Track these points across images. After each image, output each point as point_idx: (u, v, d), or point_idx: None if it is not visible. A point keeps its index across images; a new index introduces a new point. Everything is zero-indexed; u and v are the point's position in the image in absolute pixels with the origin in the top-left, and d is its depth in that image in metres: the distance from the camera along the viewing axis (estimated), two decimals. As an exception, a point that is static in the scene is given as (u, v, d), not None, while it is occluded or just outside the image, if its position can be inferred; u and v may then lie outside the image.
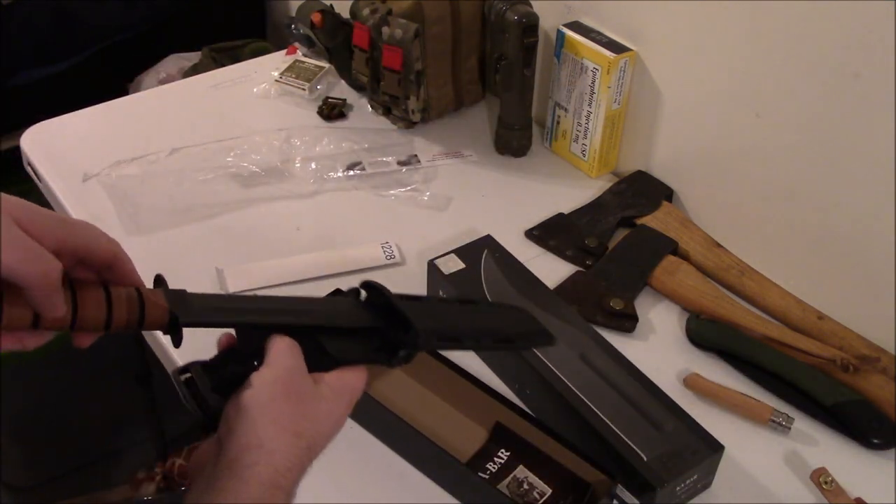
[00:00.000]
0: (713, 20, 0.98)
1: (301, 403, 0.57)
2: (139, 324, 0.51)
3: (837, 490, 0.79)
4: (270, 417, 0.55)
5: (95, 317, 0.49)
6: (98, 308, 0.50)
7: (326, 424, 0.59)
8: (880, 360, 0.90)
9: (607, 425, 0.79)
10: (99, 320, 0.49)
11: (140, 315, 0.51)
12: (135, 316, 0.51)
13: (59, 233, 0.50)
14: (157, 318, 0.52)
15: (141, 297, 0.52)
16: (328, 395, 0.59)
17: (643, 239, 1.07)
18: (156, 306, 0.52)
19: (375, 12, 1.18)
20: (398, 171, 1.19)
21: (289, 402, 0.56)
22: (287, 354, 0.57)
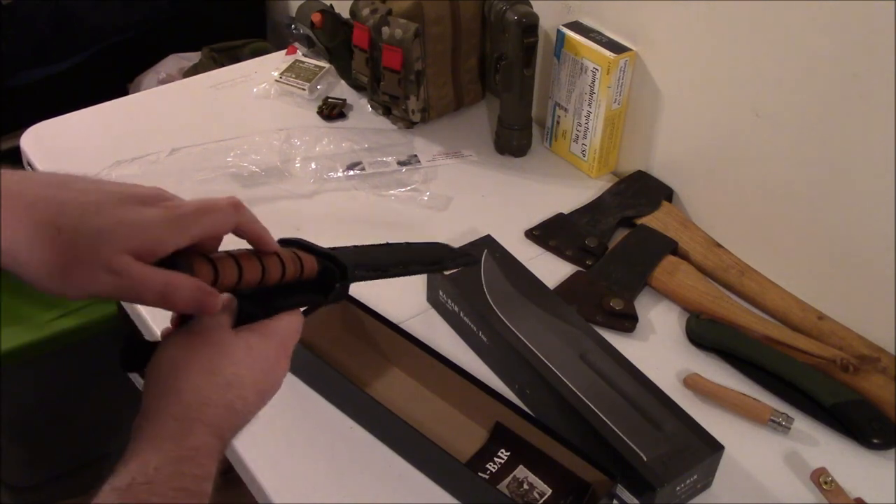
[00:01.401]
0: (713, 20, 0.98)
1: (213, 346, 0.56)
2: (301, 271, 0.61)
3: (837, 490, 0.79)
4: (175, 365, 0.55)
5: (276, 270, 0.59)
6: (277, 266, 0.59)
7: (249, 364, 0.57)
8: (880, 360, 0.91)
9: (607, 425, 0.79)
10: (278, 272, 0.59)
11: (300, 267, 0.61)
12: (297, 267, 0.61)
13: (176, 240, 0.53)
14: (310, 268, 0.62)
15: (298, 256, 0.62)
16: (251, 339, 0.58)
17: (643, 239, 1.07)
18: (310, 260, 0.62)
19: (375, 12, 1.18)
20: (398, 171, 1.19)
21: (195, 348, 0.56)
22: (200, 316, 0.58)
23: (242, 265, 0.57)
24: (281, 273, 0.60)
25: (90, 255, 0.50)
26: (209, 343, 0.56)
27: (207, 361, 0.56)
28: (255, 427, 0.84)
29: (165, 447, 0.51)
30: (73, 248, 0.50)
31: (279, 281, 0.60)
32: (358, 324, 0.92)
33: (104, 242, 0.50)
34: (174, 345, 0.57)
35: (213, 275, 0.55)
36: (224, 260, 0.56)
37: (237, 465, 0.83)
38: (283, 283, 0.61)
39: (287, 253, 0.61)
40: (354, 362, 0.90)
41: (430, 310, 0.98)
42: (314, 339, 0.89)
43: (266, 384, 0.60)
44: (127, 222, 0.51)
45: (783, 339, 0.93)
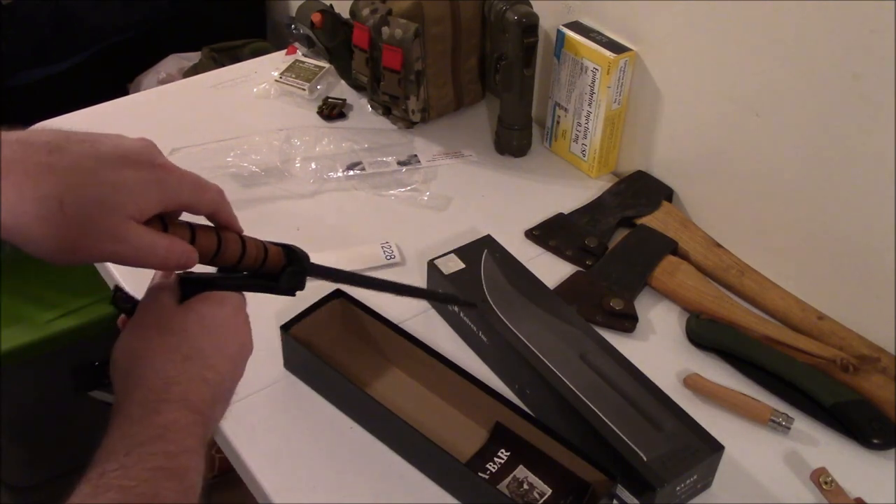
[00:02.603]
0: (713, 20, 0.98)
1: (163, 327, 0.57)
2: (264, 261, 0.62)
3: (837, 490, 0.79)
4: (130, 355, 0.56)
5: (234, 251, 0.60)
6: (236, 245, 0.60)
7: (206, 333, 0.58)
8: (880, 360, 0.91)
9: (607, 425, 0.79)
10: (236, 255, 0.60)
11: (265, 253, 0.62)
12: (262, 253, 0.62)
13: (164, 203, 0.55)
14: (276, 258, 0.63)
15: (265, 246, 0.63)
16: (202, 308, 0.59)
17: (643, 239, 1.07)
18: (275, 249, 0.63)
19: (375, 12, 1.18)
20: (398, 171, 1.19)
21: (147, 334, 0.57)
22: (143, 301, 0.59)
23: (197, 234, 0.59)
24: (240, 252, 0.61)
25: (94, 226, 0.51)
26: (159, 325, 0.57)
27: (162, 343, 0.56)
28: (255, 427, 0.84)
29: (133, 432, 0.51)
30: (78, 222, 0.50)
31: (238, 262, 0.61)
32: (358, 324, 0.92)
33: (106, 212, 0.51)
34: (127, 338, 0.57)
35: (191, 237, 0.58)
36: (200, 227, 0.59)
37: (237, 465, 0.83)
38: (244, 267, 0.62)
39: (252, 239, 0.62)
40: (354, 362, 0.90)
41: (430, 310, 0.98)
42: (314, 339, 0.89)
43: (232, 348, 0.60)
44: (126, 188, 0.52)
45: (783, 339, 0.93)
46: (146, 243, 0.53)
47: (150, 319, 0.58)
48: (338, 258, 1.02)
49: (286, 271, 0.64)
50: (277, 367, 0.90)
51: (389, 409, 0.80)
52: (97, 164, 0.51)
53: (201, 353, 0.57)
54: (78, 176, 0.51)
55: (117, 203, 0.51)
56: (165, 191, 0.54)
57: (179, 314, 0.58)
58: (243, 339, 0.62)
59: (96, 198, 0.51)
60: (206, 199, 0.58)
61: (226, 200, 0.60)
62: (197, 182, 0.57)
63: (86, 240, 0.51)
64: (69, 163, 0.51)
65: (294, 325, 0.87)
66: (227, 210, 0.61)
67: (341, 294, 0.91)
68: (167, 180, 0.54)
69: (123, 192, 0.52)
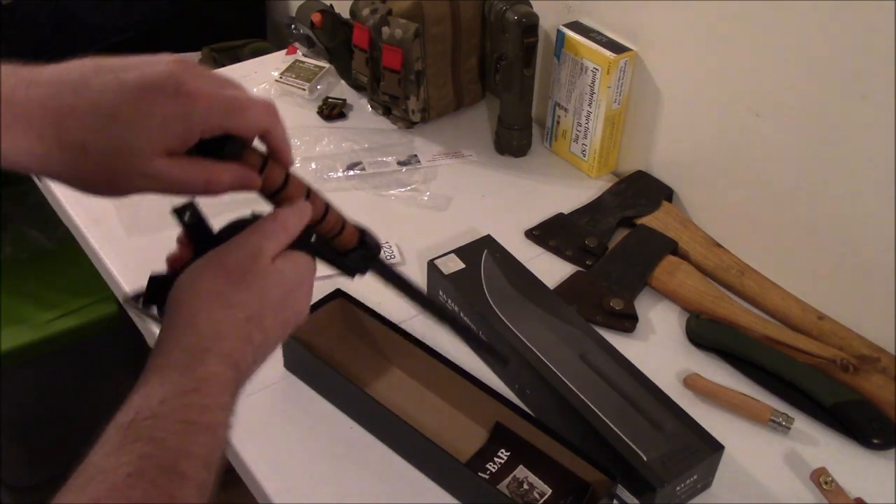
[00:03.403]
0: (713, 20, 0.98)
1: (238, 279, 0.54)
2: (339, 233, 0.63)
3: (837, 490, 0.79)
4: (195, 295, 0.53)
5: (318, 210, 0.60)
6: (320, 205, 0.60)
7: (272, 295, 0.56)
8: (880, 360, 0.91)
9: (607, 425, 0.79)
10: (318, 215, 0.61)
11: (341, 228, 0.63)
12: (339, 226, 0.63)
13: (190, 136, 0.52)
14: (350, 237, 0.64)
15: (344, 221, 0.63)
16: (286, 267, 0.57)
17: (643, 239, 1.07)
18: (351, 229, 0.64)
19: (375, 12, 1.18)
20: (398, 171, 1.19)
21: (219, 279, 0.54)
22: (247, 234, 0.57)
23: (290, 178, 0.58)
24: (322, 214, 0.60)
25: (123, 168, 0.50)
26: (240, 276, 0.54)
27: (232, 293, 0.54)
28: (255, 427, 0.84)
29: (172, 378, 0.50)
30: (103, 166, 0.50)
31: (318, 223, 0.60)
32: (358, 324, 0.92)
33: (130, 155, 0.50)
34: (199, 272, 0.55)
35: (262, 164, 0.56)
36: (274, 162, 0.57)
37: (237, 465, 0.83)
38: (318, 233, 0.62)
39: (336, 209, 0.62)
40: (354, 362, 0.90)
41: (430, 310, 0.98)
42: (314, 339, 0.89)
43: (290, 314, 0.58)
44: (147, 127, 0.50)
45: (783, 339, 0.93)
46: (179, 178, 0.52)
47: (235, 265, 0.55)
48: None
49: (357, 252, 0.64)
50: (277, 367, 0.90)
51: (389, 409, 0.80)
52: (118, 101, 0.50)
53: (262, 317, 0.55)
54: (98, 118, 0.50)
55: (139, 144, 0.50)
56: (191, 122, 0.51)
57: (264, 271, 0.55)
58: (302, 307, 0.60)
59: (118, 141, 0.50)
60: (248, 121, 0.54)
61: (275, 121, 0.56)
62: (232, 104, 0.53)
63: (117, 179, 0.51)
64: (90, 102, 0.50)
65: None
66: (277, 132, 0.57)
67: (341, 294, 0.91)
68: (193, 110, 0.51)
69: (144, 132, 0.50)
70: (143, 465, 0.45)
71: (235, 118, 0.53)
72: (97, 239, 1.06)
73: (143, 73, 0.51)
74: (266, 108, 0.56)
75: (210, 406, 0.50)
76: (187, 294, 0.54)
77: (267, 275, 0.56)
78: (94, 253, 1.07)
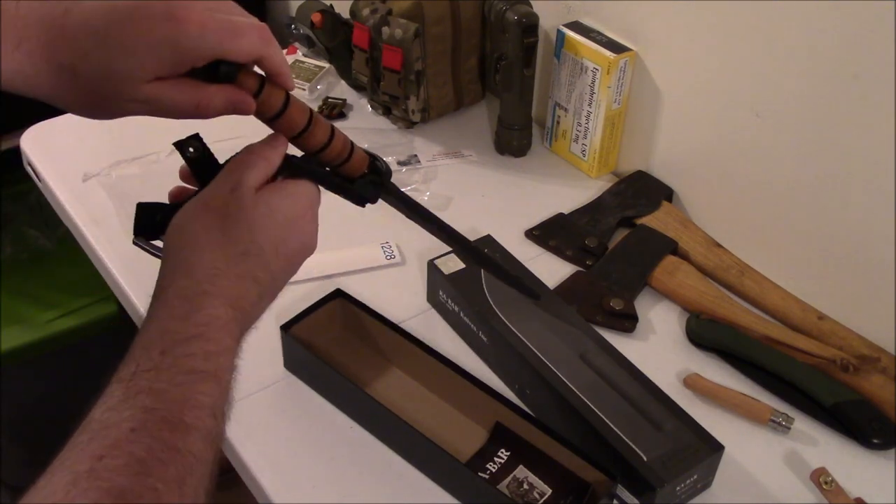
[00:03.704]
0: (713, 20, 0.98)
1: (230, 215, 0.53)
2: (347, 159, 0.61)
3: (837, 490, 0.79)
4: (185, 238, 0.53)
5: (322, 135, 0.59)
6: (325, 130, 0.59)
7: (271, 229, 0.55)
8: (880, 360, 0.91)
9: (607, 425, 0.79)
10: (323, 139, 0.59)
11: (350, 153, 0.61)
12: (347, 150, 0.61)
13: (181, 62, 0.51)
14: (359, 164, 0.63)
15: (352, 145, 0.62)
16: (273, 199, 0.56)
17: (643, 239, 1.07)
18: (361, 154, 0.62)
19: (375, 12, 1.18)
20: (398, 171, 1.19)
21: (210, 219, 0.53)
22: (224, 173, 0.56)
23: (291, 101, 0.56)
24: (328, 139, 0.59)
25: (112, 91, 0.50)
26: (226, 213, 0.54)
27: (221, 232, 0.53)
28: (255, 427, 0.84)
29: (172, 328, 0.49)
30: (94, 88, 0.50)
31: (323, 148, 0.59)
32: (358, 324, 0.92)
33: (119, 80, 0.50)
34: (189, 215, 0.54)
35: (258, 87, 0.55)
36: (272, 85, 0.56)
37: (237, 465, 0.83)
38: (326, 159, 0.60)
39: (342, 134, 0.60)
40: (354, 362, 0.90)
41: (430, 310, 0.98)
42: (314, 339, 0.89)
43: (293, 246, 0.57)
44: (135, 52, 0.49)
45: (783, 339, 0.93)
46: (169, 101, 0.51)
47: (219, 202, 0.54)
48: (338, 258, 1.02)
49: (365, 177, 0.63)
50: (277, 367, 0.90)
51: (389, 409, 0.80)
52: (107, 23, 0.49)
53: (260, 251, 0.54)
54: (87, 40, 0.49)
55: (128, 68, 0.49)
56: (181, 48, 0.50)
57: (251, 205, 0.54)
58: (307, 238, 0.58)
59: (107, 65, 0.49)
60: (241, 47, 0.52)
61: (271, 44, 0.54)
62: (225, 28, 0.52)
63: (107, 103, 0.51)
64: (79, 24, 0.49)
65: (294, 325, 0.87)
66: (273, 56, 0.55)
67: (341, 294, 0.91)
68: (184, 35, 0.50)
69: (134, 57, 0.49)
70: (145, 418, 0.44)
71: (228, 43, 0.52)
72: (97, 239, 1.06)
73: None
74: (260, 32, 0.54)
75: (213, 352, 0.49)
76: (178, 238, 0.53)
77: (254, 206, 0.54)
78: (94, 253, 1.07)
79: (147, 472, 0.43)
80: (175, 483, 0.43)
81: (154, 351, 0.47)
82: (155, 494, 0.42)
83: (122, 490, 0.41)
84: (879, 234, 0.88)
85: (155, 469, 0.43)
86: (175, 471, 0.44)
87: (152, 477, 0.43)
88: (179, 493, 0.43)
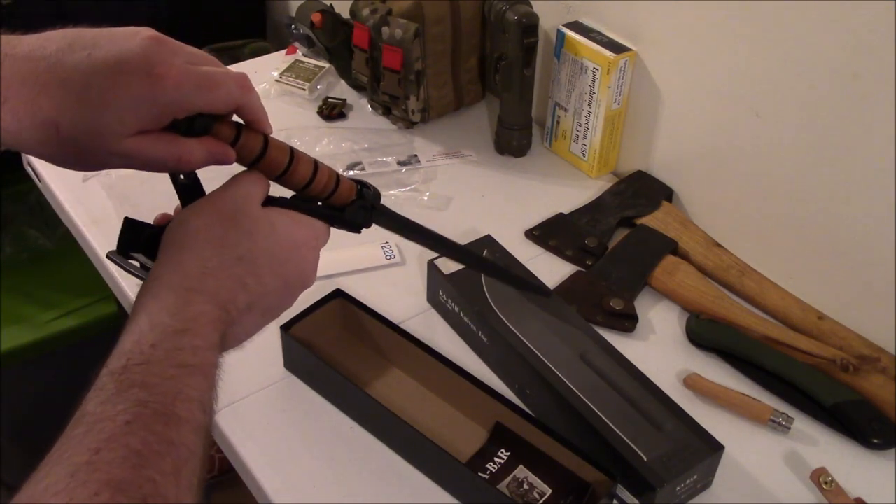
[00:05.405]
0: (713, 20, 0.98)
1: (232, 219, 0.55)
2: (333, 191, 0.62)
3: (837, 490, 0.79)
4: (185, 234, 0.54)
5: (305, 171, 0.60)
6: (308, 166, 0.60)
7: (269, 243, 0.56)
8: (880, 360, 0.91)
9: (607, 425, 0.79)
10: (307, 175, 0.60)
11: (336, 184, 0.62)
12: (333, 182, 0.62)
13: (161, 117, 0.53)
14: (346, 193, 0.63)
15: (338, 176, 0.62)
16: (279, 218, 0.57)
17: (643, 239, 1.07)
18: (348, 184, 0.63)
19: (375, 12, 1.18)
20: (398, 171, 1.19)
21: (213, 219, 0.55)
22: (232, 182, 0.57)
23: (270, 142, 0.57)
24: (311, 175, 0.59)
25: (94, 146, 0.51)
26: (231, 216, 0.55)
27: (222, 233, 0.54)
28: (255, 427, 0.84)
29: (162, 320, 0.50)
30: (77, 144, 0.51)
31: (308, 183, 0.60)
32: (358, 324, 0.92)
33: (101, 136, 0.51)
34: (192, 213, 0.55)
35: (235, 136, 0.56)
36: (250, 131, 0.57)
37: (237, 465, 0.83)
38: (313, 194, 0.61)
39: (326, 166, 0.61)
40: (354, 362, 0.90)
41: (430, 310, 0.98)
42: (314, 339, 0.89)
43: (288, 269, 0.58)
44: (115, 109, 0.50)
45: (783, 339, 0.93)
46: (150, 156, 0.52)
47: (227, 205, 0.55)
48: (338, 258, 1.02)
49: (354, 204, 0.64)
50: (277, 367, 0.90)
51: (389, 409, 0.80)
52: (87, 81, 0.50)
53: (254, 260, 0.55)
54: (69, 96, 0.50)
55: (109, 124, 0.50)
56: (159, 104, 0.51)
57: (255, 214, 0.56)
58: (305, 269, 0.60)
59: (88, 121, 0.50)
60: (220, 98, 0.54)
61: (249, 93, 0.56)
62: (202, 81, 0.53)
63: (89, 157, 0.52)
64: (61, 80, 0.50)
65: (294, 325, 0.87)
66: (250, 104, 0.56)
67: (341, 294, 0.91)
68: (162, 91, 0.51)
69: (114, 113, 0.50)
70: (139, 411, 0.45)
71: (206, 96, 0.53)
72: (97, 239, 1.06)
73: (114, 51, 0.51)
74: (238, 82, 0.55)
75: (201, 347, 0.50)
76: (178, 234, 0.54)
77: (258, 219, 0.56)
78: (94, 253, 1.07)
79: (144, 464, 0.43)
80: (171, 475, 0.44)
81: (145, 344, 0.48)
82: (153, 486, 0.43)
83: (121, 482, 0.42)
84: (879, 235, 0.88)
85: (151, 461, 0.44)
86: (171, 462, 0.44)
87: (149, 469, 0.43)
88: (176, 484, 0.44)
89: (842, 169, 0.90)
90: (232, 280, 0.53)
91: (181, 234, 0.54)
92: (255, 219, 0.56)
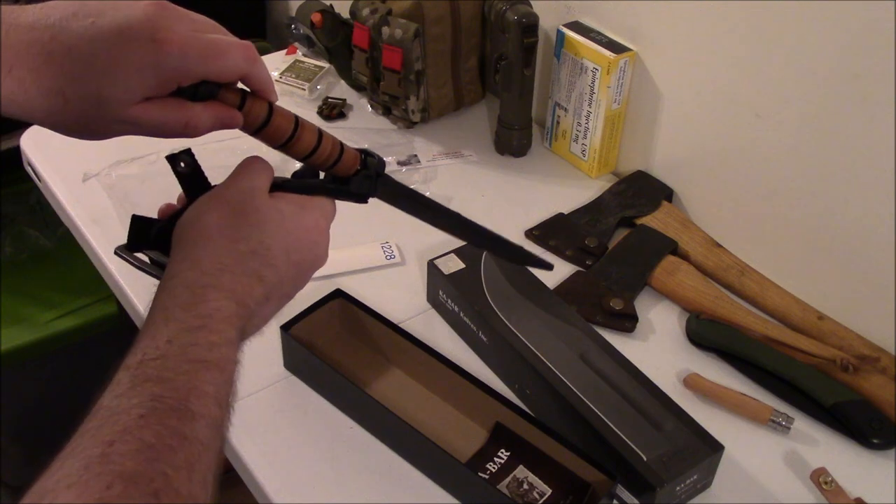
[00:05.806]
0: (713, 20, 0.98)
1: (243, 213, 0.55)
2: (337, 160, 0.61)
3: (837, 490, 0.79)
4: (198, 230, 0.54)
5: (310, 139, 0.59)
6: (312, 134, 0.59)
7: (281, 233, 0.57)
8: (880, 360, 0.91)
9: (607, 425, 0.79)
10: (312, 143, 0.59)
11: (340, 152, 0.61)
12: (337, 150, 0.61)
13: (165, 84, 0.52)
14: (350, 162, 0.62)
15: (342, 145, 0.61)
16: (287, 207, 0.58)
17: (643, 239, 1.07)
18: (352, 153, 0.62)
19: (375, 12, 1.18)
20: (398, 171, 1.19)
21: (223, 214, 0.55)
22: (238, 173, 0.58)
23: (275, 109, 0.57)
24: (316, 143, 0.59)
25: (100, 114, 0.51)
26: (241, 209, 0.55)
27: (233, 229, 0.54)
28: (255, 427, 0.84)
29: (177, 316, 0.50)
30: (83, 112, 0.51)
31: (313, 152, 0.59)
32: (358, 324, 0.92)
33: (109, 102, 0.51)
34: (203, 208, 0.56)
35: (240, 101, 0.56)
36: (255, 98, 0.57)
37: (237, 465, 0.83)
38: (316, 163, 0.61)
39: (330, 135, 0.61)
40: (354, 362, 0.90)
41: (430, 310, 0.98)
42: (314, 339, 0.89)
43: (301, 255, 0.58)
44: (120, 76, 0.50)
45: (783, 339, 0.93)
46: (157, 122, 0.52)
47: (235, 197, 0.56)
48: (338, 258, 1.02)
49: (359, 174, 0.63)
50: (277, 367, 0.90)
51: (389, 409, 0.80)
52: (92, 48, 0.50)
53: (267, 251, 0.55)
54: (74, 64, 0.50)
55: (114, 92, 0.50)
56: (165, 71, 0.51)
57: (264, 206, 0.56)
58: (317, 250, 0.60)
59: (93, 89, 0.50)
60: (226, 66, 0.54)
61: (254, 63, 0.55)
62: (208, 49, 0.52)
63: (99, 125, 0.52)
64: (66, 49, 0.50)
65: (294, 325, 0.87)
66: (257, 74, 0.56)
67: (341, 294, 0.91)
68: (167, 58, 0.51)
69: (119, 80, 0.50)
70: (154, 405, 0.45)
71: (212, 64, 0.53)
72: (97, 239, 1.06)
73: (119, 18, 0.51)
74: (244, 51, 0.55)
75: (217, 342, 0.50)
76: (191, 230, 0.55)
77: (267, 210, 0.57)
78: (94, 253, 1.07)
79: (157, 457, 0.43)
80: (184, 469, 0.44)
81: (160, 339, 0.49)
82: (165, 479, 0.43)
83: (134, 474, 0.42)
84: (879, 235, 0.88)
85: (164, 455, 0.44)
86: (184, 457, 0.44)
87: (162, 462, 0.43)
88: (189, 479, 0.44)
89: (842, 169, 0.90)
90: (247, 274, 0.54)
91: (194, 231, 0.55)
92: (265, 211, 0.56)
